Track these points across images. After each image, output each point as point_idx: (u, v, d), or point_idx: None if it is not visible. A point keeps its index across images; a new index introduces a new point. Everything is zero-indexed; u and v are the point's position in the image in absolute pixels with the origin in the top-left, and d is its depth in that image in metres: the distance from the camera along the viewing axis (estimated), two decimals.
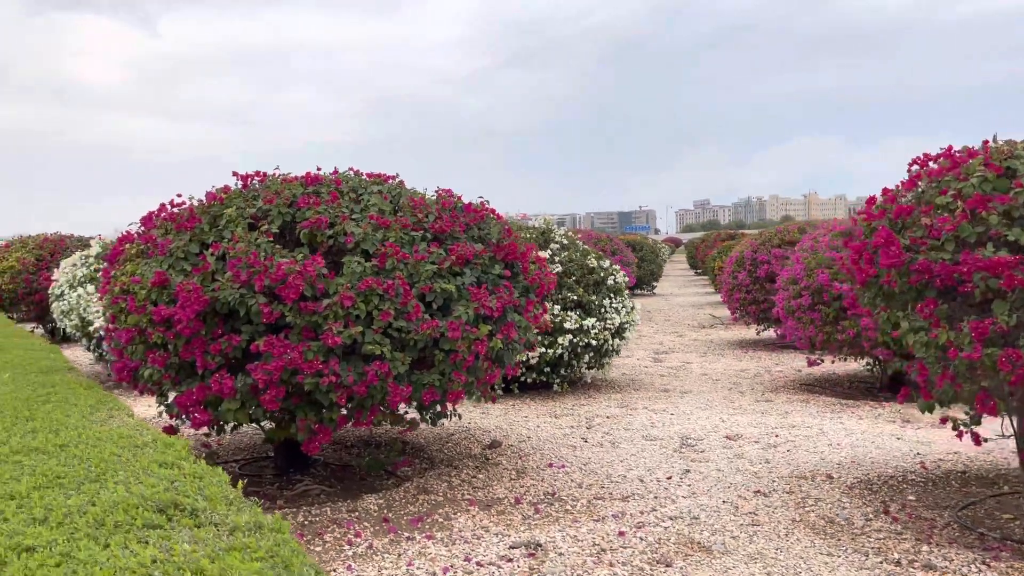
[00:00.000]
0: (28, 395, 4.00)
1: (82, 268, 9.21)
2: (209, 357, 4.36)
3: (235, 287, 4.31)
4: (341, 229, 4.56)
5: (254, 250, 4.35)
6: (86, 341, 8.87)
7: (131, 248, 5.07)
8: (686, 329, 15.31)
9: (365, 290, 4.28)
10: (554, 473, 5.38)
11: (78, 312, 8.84)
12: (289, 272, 4.22)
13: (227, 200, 4.86)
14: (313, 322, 4.26)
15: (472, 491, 4.99)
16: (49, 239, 14.06)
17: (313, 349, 4.19)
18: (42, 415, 3.50)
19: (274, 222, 4.64)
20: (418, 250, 4.62)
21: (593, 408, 7.67)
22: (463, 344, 4.48)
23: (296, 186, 4.91)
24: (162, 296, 4.45)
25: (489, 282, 4.80)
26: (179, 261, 4.58)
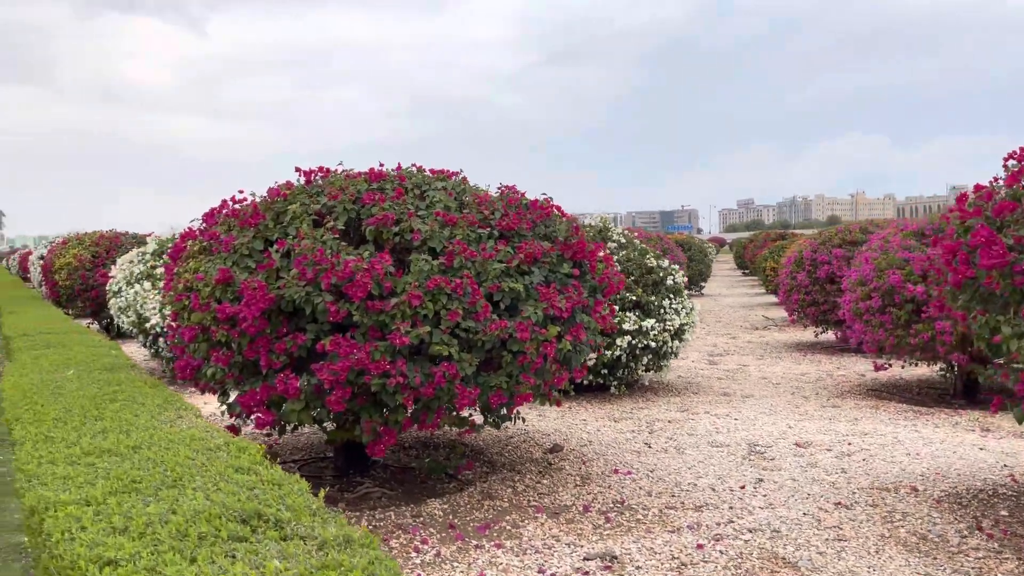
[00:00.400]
0: (95, 393, 3.95)
1: (139, 265, 9.28)
2: (274, 356, 4.26)
3: (301, 285, 4.21)
4: (407, 226, 4.44)
5: (320, 247, 4.25)
6: (142, 337, 8.93)
7: (194, 245, 5.01)
8: (738, 331, 14.97)
9: (433, 289, 4.15)
10: (620, 480, 5.20)
11: (135, 309, 8.90)
12: (356, 270, 4.10)
13: (290, 196, 4.77)
14: (380, 321, 4.14)
15: (538, 497, 4.83)
16: (105, 236, 14.27)
17: (380, 349, 4.07)
18: (110, 414, 3.43)
19: (339, 219, 4.53)
20: (485, 248, 4.48)
21: (652, 412, 7.46)
22: (531, 346, 4.33)
23: (360, 182, 4.80)
24: (226, 294, 4.37)
25: (557, 281, 4.64)
26: (243, 258, 4.50)
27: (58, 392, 4.04)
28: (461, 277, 4.25)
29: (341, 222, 4.52)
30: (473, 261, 4.36)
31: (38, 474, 2.60)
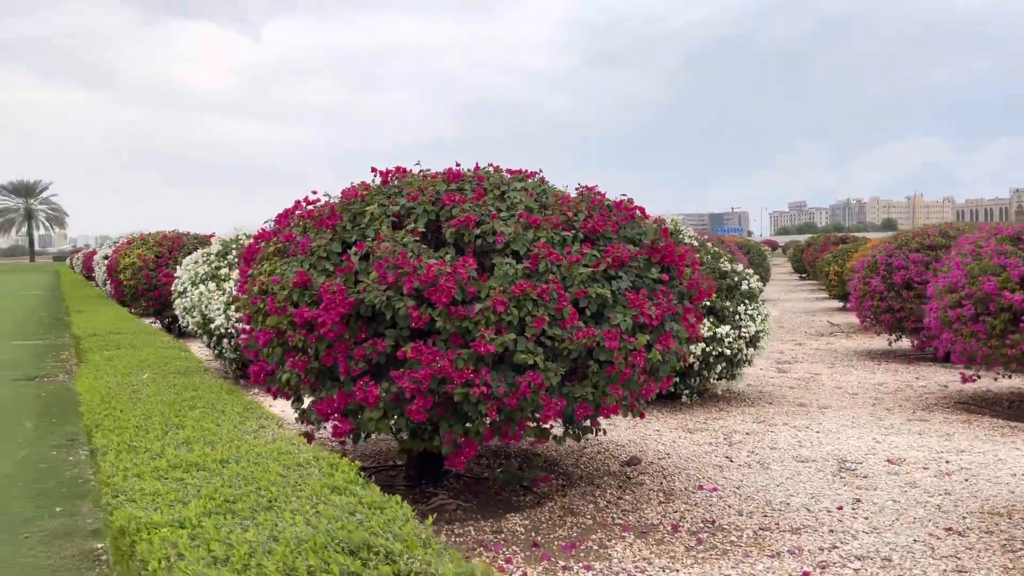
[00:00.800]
0: (173, 399, 3.84)
1: (203, 266, 9.28)
2: (352, 362, 4.11)
3: (381, 289, 4.05)
4: (490, 228, 4.24)
5: (402, 250, 4.08)
6: (206, 338, 8.93)
7: (268, 246, 4.90)
8: (804, 337, 14.48)
9: (519, 294, 3.95)
10: (706, 497, 4.93)
11: (200, 309, 8.90)
12: (440, 274, 3.92)
13: (368, 197, 4.62)
14: (463, 328, 3.95)
15: (622, 515, 4.59)
16: (167, 236, 14.44)
17: (463, 357, 3.88)
18: (192, 423, 3.30)
19: (419, 220, 4.36)
20: (570, 251, 4.26)
21: (728, 423, 7.15)
22: (620, 355, 4.10)
23: (438, 183, 4.63)
24: (304, 297, 4.23)
25: (645, 287, 4.39)
26: (321, 261, 4.36)
27: (136, 397, 3.94)
28: (547, 282, 4.04)
29: (421, 224, 4.34)
30: (558, 265, 4.15)
31: (124, 489, 2.46)
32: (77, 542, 4.41)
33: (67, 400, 8.65)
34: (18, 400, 8.65)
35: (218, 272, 9.07)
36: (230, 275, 8.94)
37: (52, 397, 8.81)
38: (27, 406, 8.33)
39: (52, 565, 4.09)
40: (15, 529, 4.60)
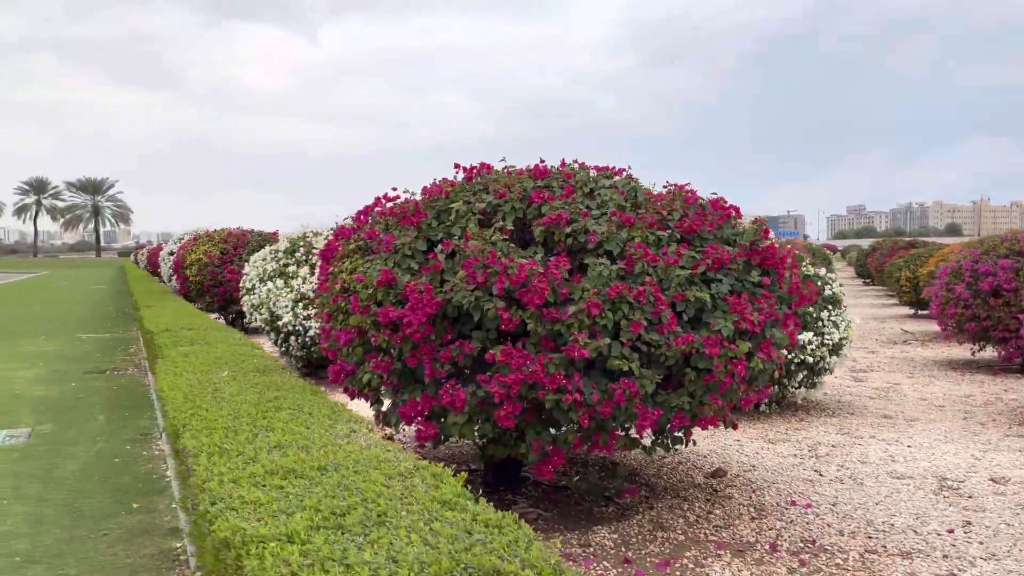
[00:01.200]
0: (257, 399, 3.74)
1: (271, 263, 9.29)
2: (438, 365, 3.96)
3: (469, 289, 3.89)
4: (582, 227, 4.05)
5: (491, 249, 3.91)
6: (273, 335, 8.92)
7: (348, 244, 4.79)
8: (876, 344, 13.93)
9: (614, 297, 3.74)
10: (801, 513, 4.65)
11: (267, 306, 8.90)
12: (532, 274, 3.74)
13: (452, 194, 4.46)
14: (554, 331, 3.77)
15: (714, 531, 4.35)
16: (232, 233, 14.59)
17: (555, 362, 3.70)
18: (281, 426, 3.18)
19: (507, 218, 4.20)
20: (666, 252, 4.04)
21: (811, 434, 6.82)
22: (720, 363, 3.86)
23: (525, 179, 4.46)
24: (388, 296, 4.10)
25: (746, 291, 4.15)
26: (405, 259, 4.22)
27: (219, 396, 3.86)
28: (643, 284, 3.83)
29: (509, 222, 4.18)
30: (655, 266, 3.94)
31: (222, 495, 2.34)
32: (156, 540, 4.36)
33: (137, 394, 8.73)
34: (91, 393, 8.77)
35: (286, 269, 9.06)
36: (298, 272, 8.92)
37: (123, 391, 8.91)
38: (99, 399, 8.43)
39: (132, 564, 4.03)
40: (94, 525, 4.57)
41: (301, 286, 8.67)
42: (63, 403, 8.18)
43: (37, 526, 4.55)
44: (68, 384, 9.32)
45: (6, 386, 9.15)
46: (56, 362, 11.15)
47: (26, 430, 6.95)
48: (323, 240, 9.22)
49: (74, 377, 9.82)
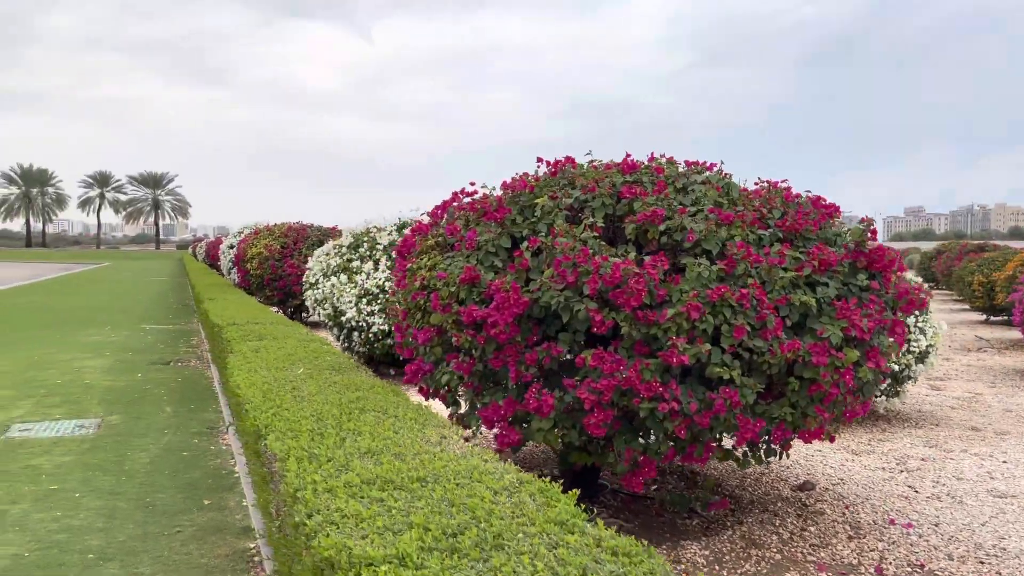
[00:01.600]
0: (338, 399, 3.60)
1: (335, 258, 9.23)
2: (523, 367, 3.78)
3: (558, 289, 3.69)
4: (678, 224, 3.82)
5: (583, 247, 3.71)
6: (336, 330, 8.86)
7: (425, 240, 4.63)
8: (950, 351, 13.34)
9: (716, 300, 3.51)
10: (903, 534, 4.35)
11: (331, 301, 8.83)
12: (627, 275, 3.53)
13: (537, 189, 4.27)
14: (650, 335, 3.55)
15: (811, 550, 4.08)
16: (292, 228, 14.65)
17: (652, 368, 3.48)
18: (368, 430, 3.03)
19: (596, 214, 3.99)
20: (768, 252, 3.79)
21: (896, 446, 6.47)
22: (827, 372, 3.60)
23: (614, 174, 4.24)
24: (471, 295, 3.93)
25: (852, 296, 3.87)
26: (489, 256, 4.05)
27: (298, 395, 3.73)
28: (747, 286, 3.59)
29: (599, 218, 3.97)
30: (757, 268, 3.69)
31: (319, 507, 2.18)
32: (229, 540, 4.27)
33: (201, 387, 8.76)
34: (156, 384, 8.82)
35: (349, 265, 8.99)
36: (361, 268, 8.84)
37: (187, 383, 8.95)
38: (165, 391, 8.47)
39: (206, 564, 3.94)
40: (167, 521, 4.51)
41: (365, 282, 8.59)
42: (130, 394, 8.23)
43: (110, 521, 4.50)
44: (134, 375, 9.41)
45: (76, 376, 9.28)
46: (122, 352, 11.31)
47: (95, 420, 6.99)
48: (386, 236, 9.13)
49: (140, 368, 9.92)
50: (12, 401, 7.74)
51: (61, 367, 9.90)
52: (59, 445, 6.13)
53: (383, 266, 8.66)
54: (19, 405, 7.56)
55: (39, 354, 11.05)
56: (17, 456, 5.80)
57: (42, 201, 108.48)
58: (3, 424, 6.79)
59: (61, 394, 8.13)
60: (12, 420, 6.94)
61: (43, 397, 7.96)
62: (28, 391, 8.27)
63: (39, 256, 72.63)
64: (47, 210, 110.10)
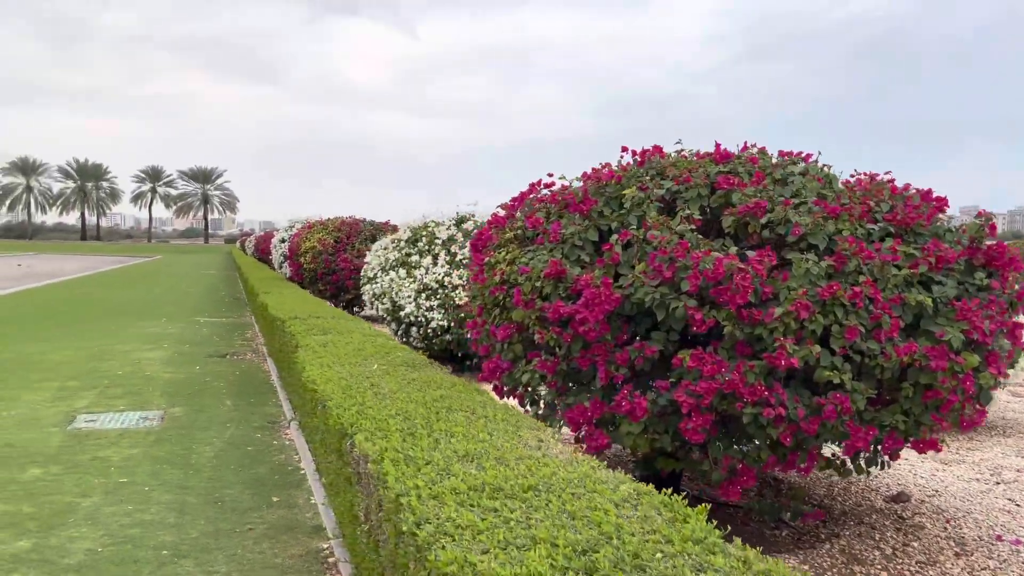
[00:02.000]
0: (421, 397, 3.45)
1: (393, 252, 9.12)
2: (613, 367, 3.58)
3: (653, 285, 3.48)
4: (782, 217, 3.58)
5: (681, 240, 3.49)
6: (395, 325, 8.75)
7: (503, 233, 4.46)
8: None
9: (828, 298, 3.27)
10: (1012, 551, 4.05)
11: (390, 296, 8.73)
12: (731, 270, 3.31)
13: (625, 179, 4.07)
14: (754, 335, 3.32)
15: (918, 567, 3.81)
16: (345, 222, 14.64)
17: (756, 370, 3.25)
18: (461, 431, 2.86)
19: (691, 206, 3.77)
20: (879, 248, 3.53)
21: (987, 455, 6.11)
22: (947, 378, 3.33)
23: (707, 163, 4.02)
24: (556, 290, 3.74)
25: (970, 295, 3.59)
26: (575, 250, 3.86)
27: (378, 392, 3.59)
28: (858, 284, 3.34)
29: (694, 209, 3.75)
30: (869, 265, 3.43)
31: (428, 516, 2.02)
32: (301, 539, 4.15)
33: (259, 380, 8.74)
34: (215, 377, 8.82)
35: (408, 259, 8.88)
36: (420, 263, 8.72)
37: (245, 376, 8.94)
38: (224, 384, 8.46)
39: (281, 564, 3.83)
40: (238, 518, 4.42)
41: (423, 277, 8.46)
42: (191, 386, 8.23)
43: (181, 516, 4.43)
44: (193, 368, 9.43)
45: (137, 368, 9.33)
46: (180, 344, 11.38)
47: (159, 412, 6.98)
48: (444, 230, 8.99)
49: (198, 360, 9.95)
50: (77, 392, 7.79)
51: (121, 358, 9.99)
52: (125, 437, 6.11)
53: (442, 261, 8.52)
54: (83, 396, 7.61)
55: (100, 345, 11.19)
56: (85, 447, 5.79)
57: (96, 195, 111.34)
58: (69, 414, 6.82)
59: (123, 385, 8.16)
60: (78, 410, 6.97)
61: (106, 388, 8.01)
62: (92, 381, 8.32)
63: (94, 249, 74.58)
64: (101, 204, 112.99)
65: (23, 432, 6.17)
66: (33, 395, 7.59)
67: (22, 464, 5.33)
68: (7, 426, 6.33)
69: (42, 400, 7.37)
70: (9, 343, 11.24)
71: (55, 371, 8.94)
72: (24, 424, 6.43)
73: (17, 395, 7.57)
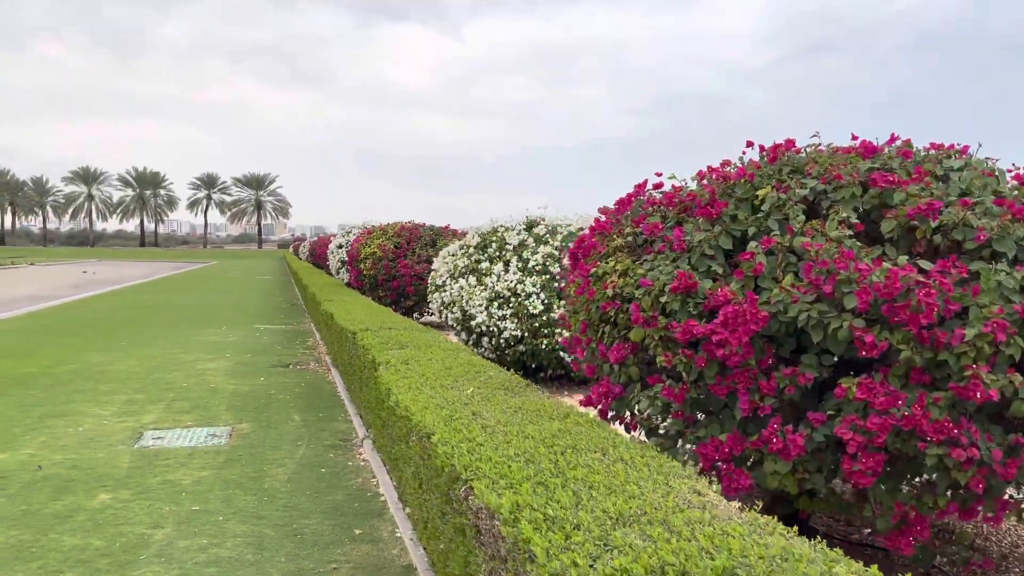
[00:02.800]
0: (537, 433, 2.99)
1: (462, 259, 8.71)
2: (758, 396, 3.08)
3: (807, 301, 2.97)
4: (958, 219, 3.04)
5: (845, 249, 2.98)
6: (464, 334, 8.34)
7: (610, 240, 3.99)
8: None
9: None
10: None
11: (460, 304, 8.32)
12: (907, 284, 2.78)
13: (757, 178, 3.56)
14: (935, 361, 2.79)
15: None
16: (405, 227, 14.32)
17: (942, 404, 2.72)
18: (602, 481, 2.40)
19: (844, 208, 3.25)
20: None
21: None
22: None
23: (854, 158, 3.49)
24: (686, 307, 3.26)
25: None
26: (703, 259, 3.37)
27: (484, 424, 3.15)
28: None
29: (848, 212, 3.22)
30: None
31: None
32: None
33: (325, 393, 8.42)
34: (280, 389, 8.53)
35: (478, 266, 8.46)
36: (491, 270, 8.29)
37: (310, 389, 8.63)
38: (290, 397, 8.16)
39: None
40: (320, 555, 4.03)
41: (495, 284, 8.04)
42: (256, 399, 7.95)
43: (260, 552, 4.06)
44: (257, 379, 9.17)
45: (200, 379, 9.11)
46: (241, 354, 11.17)
47: (226, 429, 6.68)
48: (515, 235, 8.56)
49: (261, 371, 9.70)
50: (143, 405, 7.56)
51: (185, 369, 9.79)
52: (195, 457, 5.80)
53: (514, 267, 8.09)
54: (150, 410, 7.37)
55: (163, 354, 11.04)
56: (155, 469, 5.49)
57: (154, 203, 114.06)
58: (136, 430, 6.56)
59: (189, 399, 7.91)
60: (145, 426, 6.71)
61: (172, 401, 7.76)
62: (157, 394, 8.10)
63: (153, 255, 76.28)
64: (159, 211, 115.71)
65: (90, 451, 5.92)
66: (100, 409, 7.38)
67: (90, 489, 5.04)
68: (73, 445, 6.09)
69: (109, 415, 7.15)
70: (75, 352, 11.16)
71: (121, 383, 8.76)
72: (91, 442, 6.18)
73: (85, 409, 7.37)
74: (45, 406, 7.47)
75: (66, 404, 7.56)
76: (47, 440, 6.21)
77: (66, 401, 7.70)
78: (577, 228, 8.66)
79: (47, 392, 8.16)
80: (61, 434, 6.41)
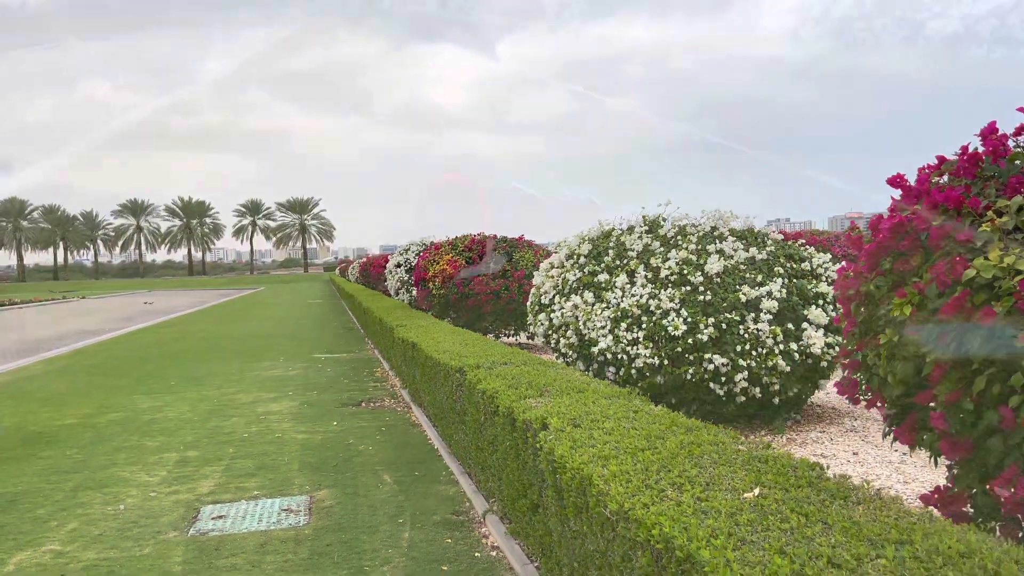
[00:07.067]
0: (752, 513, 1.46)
1: (572, 271, 7.19)
2: None
3: None
4: None
5: None
6: (582, 363, 6.80)
7: (898, 238, 2.43)
8: None
9: None
10: None
11: (575, 327, 6.79)
12: None
13: None
14: None
15: None
16: (476, 240, 12.90)
17: None
18: None
19: None
20: None
21: None
22: None
23: None
24: None
25: None
26: None
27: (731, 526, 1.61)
28: None
29: None
30: None
31: None
32: None
33: (413, 440, 6.97)
34: (359, 438, 7.09)
35: (594, 279, 6.93)
36: (612, 282, 6.76)
37: (394, 434, 7.18)
38: (372, 447, 6.71)
39: None
40: None
41: (621, 300, 6.50)
42: (333, 453, 6.52)
43: None
44: (329, 423, 7.76)
45: (263, 427, 7.72)
46: (306, 391, 9.81)
47: (303, 499, 5.25)
48: (638, 239, 7.01)
49: (331, 413, 8.30)
50: (199, 468, 6.17)
51: (245, 413, 8.44)
52: (268, 549, 4.36)
53: (641, 279, 6.54)
54: (207, 474, 5.98)
55: (219, 394, 9.73)
56: (217, 572, 4.06)
57: (201, 231, 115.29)
58: (191, 506, 5.16)
59: (253, 455, 6.52)
60: (203, 499, 5.31)
61: (232, 460, 6.37)
62: (215, 450, 6.73)
63: (201, 283, 76.51)
64: (206, 239, 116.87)
65: (132, 543, 4.52)
66: (147, 475, 6.02)
67: None
68: (111, 534, 4.69)
69: (157, 482, 5.78)
70: (122, 395, 9.92)
71: (172, 435, 7.41)
72: (134, 527, 4.78)
73: (128, 475, 6.01)
74: (81, 472, 6.14)
75: (106, 469, 6.22)
76: (78, 527, 4.83)
77: (107, 464, 6.36)
78: (710, 227, 7.08)
79: (85, 452, 6.84)
80: (97, 516, 5.03)
